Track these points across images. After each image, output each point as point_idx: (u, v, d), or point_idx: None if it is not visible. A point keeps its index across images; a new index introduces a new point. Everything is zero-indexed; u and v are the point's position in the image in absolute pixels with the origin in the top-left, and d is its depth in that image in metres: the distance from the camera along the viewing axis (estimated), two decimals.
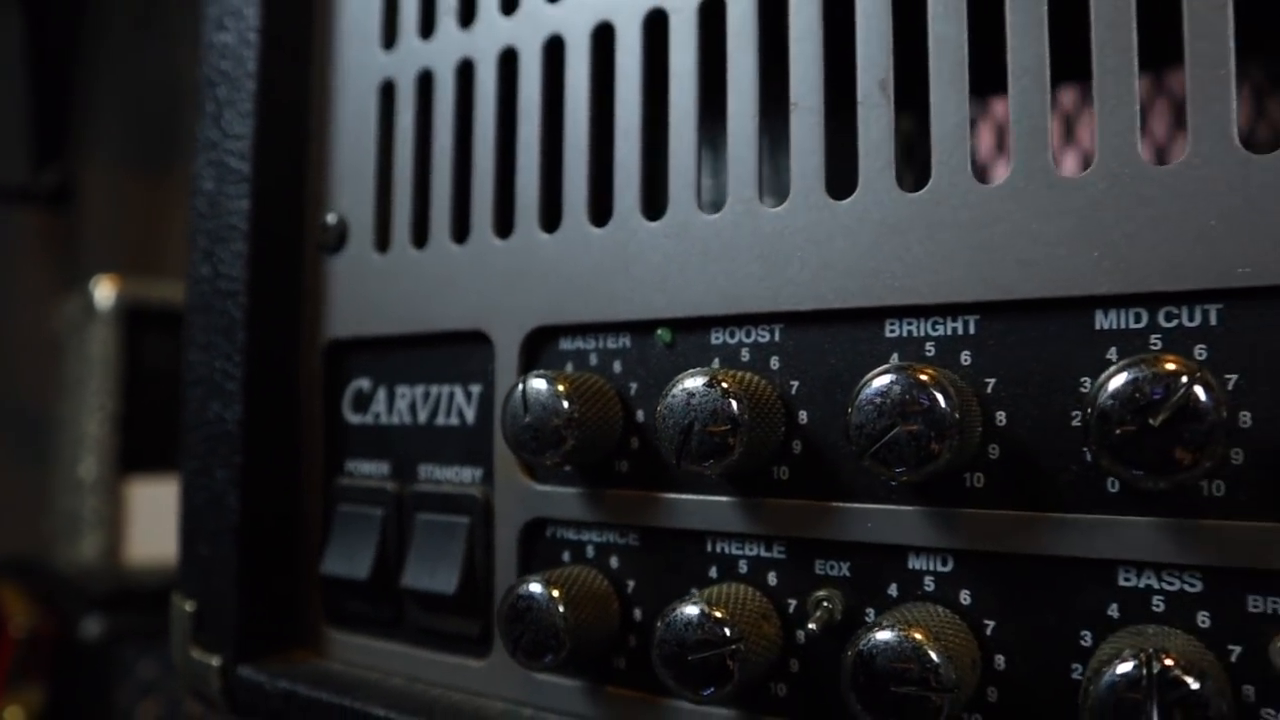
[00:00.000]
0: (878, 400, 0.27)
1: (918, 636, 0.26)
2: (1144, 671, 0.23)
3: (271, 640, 0.45)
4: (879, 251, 0.31)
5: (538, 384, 0.35)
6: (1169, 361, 0.24)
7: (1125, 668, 0.23)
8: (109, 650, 1.17)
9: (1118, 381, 0.24)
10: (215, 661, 0.45)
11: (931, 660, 0.26)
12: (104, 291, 1.20)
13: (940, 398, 0.26)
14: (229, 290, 0.45)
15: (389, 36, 0.44)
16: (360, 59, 0.45)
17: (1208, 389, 0.23)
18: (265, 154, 0.45)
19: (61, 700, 1.24)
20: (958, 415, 0.26)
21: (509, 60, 0.40)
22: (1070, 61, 0.30)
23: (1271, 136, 0.55)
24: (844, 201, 0.32)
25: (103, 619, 1.17)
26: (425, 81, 0.43)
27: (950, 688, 0.25)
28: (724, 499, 0.33)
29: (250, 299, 0.45)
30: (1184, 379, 0.23)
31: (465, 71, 0.42)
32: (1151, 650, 0.23)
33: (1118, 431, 0.24)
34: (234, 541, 0.44)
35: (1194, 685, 0.23)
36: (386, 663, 0.43)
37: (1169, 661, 0.23)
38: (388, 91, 0.44)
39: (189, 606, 0.46)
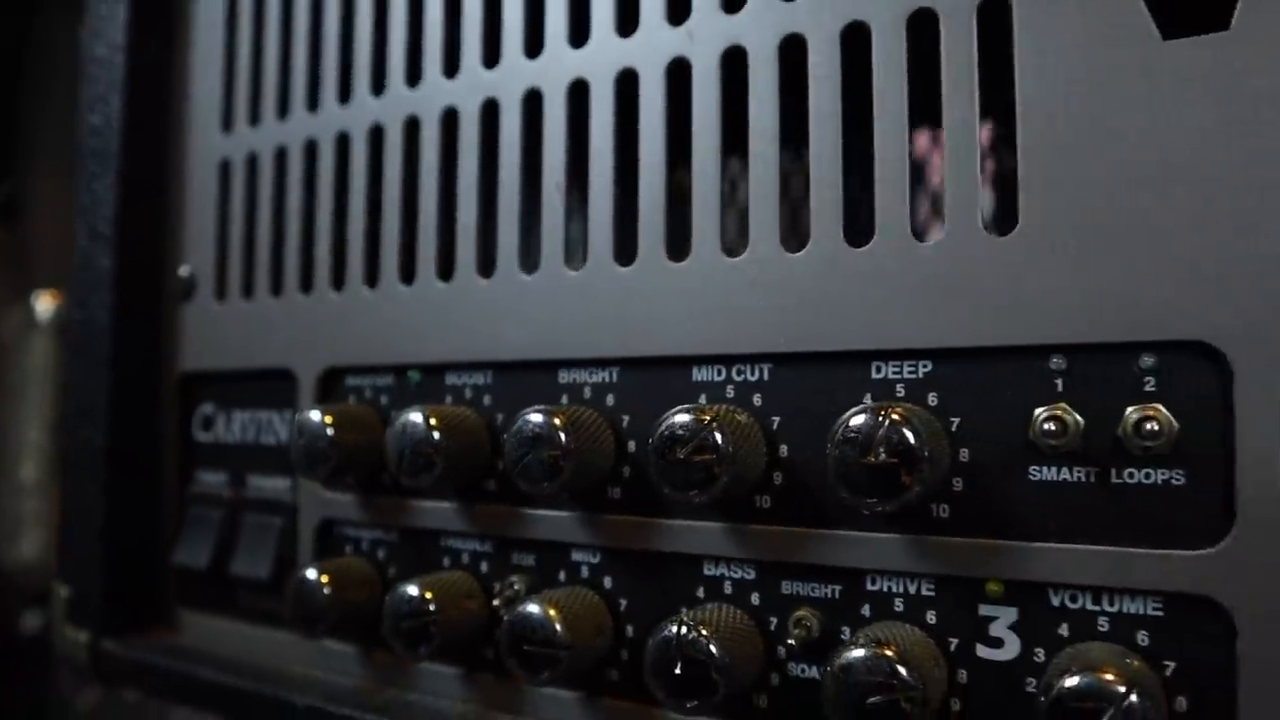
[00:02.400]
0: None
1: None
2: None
3: (133, 619, 0.55)
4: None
5: (310, 415, 0.45)
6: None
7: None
8: (48, 642, 1.25)
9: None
10: (84, 637, 0.54)
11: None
12: (44, 305, 1.28)
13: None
14: (98, 333, 0.55)
15: (226, 123, 0.54)
16: (204, 142, 0.55)
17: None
18: (127, 219, 0.55)
19: (5, 688, 1.32)
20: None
21: (311, 149, 0.50)
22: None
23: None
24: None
25: (42, 613, 1.26)
26: (252, 162, 0.53)
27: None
28: (462, 505, 0.44)
29: (115, 340, 0.54)
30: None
31: (280, 156, 0.52)
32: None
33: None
34: (100, 539, 0.54)
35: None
36: (225, 637, 0.53)
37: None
38: (225, 169, 0.54)
39: (64, 592, 0.56)
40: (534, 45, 0.43)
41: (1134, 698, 0.27)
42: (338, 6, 0.49)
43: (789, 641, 0.35)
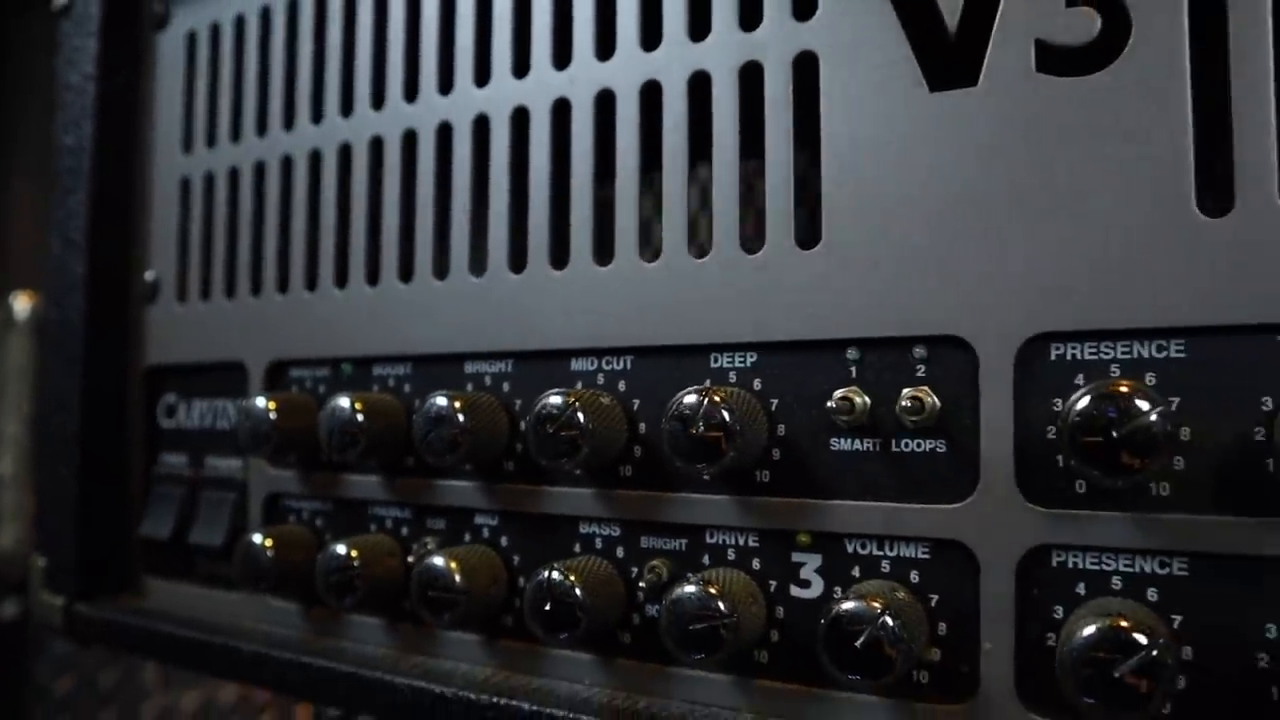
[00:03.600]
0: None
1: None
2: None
3: (103, 585, 0.62)
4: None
5: (255, 401, 0.51)
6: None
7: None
8: (26, 629, 1.31)
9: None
10: (59, 602, 0.61)
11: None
12: (21, 305, 1.35)
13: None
14: (71, 331, 0.61)
15: (186, 145, 0.61)
16: (167, 161, 0.62)
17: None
18: (97, 230, 0.61)
19: None
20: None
21: (260, 169, 0.57)
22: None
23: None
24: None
25: (20, 601, 1.32)
26: (209, 180, 0.60)
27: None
28: (398, 479, 0.51)
29: (87, 337, 0.61)
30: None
31: (233, 175, 0.58)
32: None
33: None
34: (73, 515, 0.61)
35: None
36: (185, 599, 0.59)
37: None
38: (185, 185, 0.61)
39: (41, 563, 0.62)
40: (445, 81, 0.50)
41: (888, 619, 0.34)
42: (282, 46, 0.56)
43: (641, 585, 0.42)
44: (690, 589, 0.37)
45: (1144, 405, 0.31)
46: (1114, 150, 0.34)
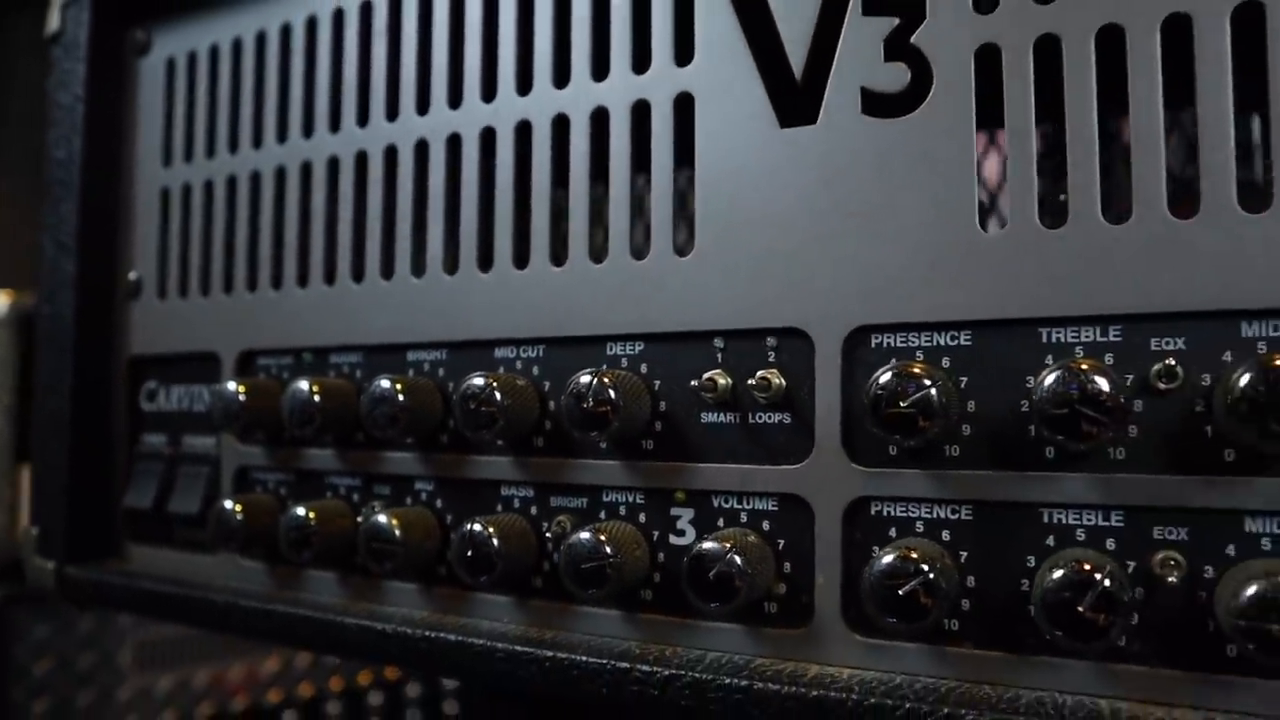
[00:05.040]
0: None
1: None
2: None
3: (90, 551, 0.69)
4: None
5: (226, 386, 0.59)
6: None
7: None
8: (6, 614, 1.37)
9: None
10: (50, 566, 0.69)
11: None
12: (1, 301, 1.41)
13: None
14: (63, 325, 0.69)
15: (166, 160, 0.69)
16: (148, 173, 0.69)
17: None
18: (86, 234, 0.69)
19: None
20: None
21: (231, 182, 0.65)
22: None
23: None
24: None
25: (4, 587, 1.39)
26: (186, 190, 0.67)
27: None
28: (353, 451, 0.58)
29: (77, 330, 0.69)
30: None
31: (208, 186, 0.66)
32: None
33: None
34: (64, 489, 0.68)
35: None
36: (164, 562, 0.67)
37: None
38: (165, 195, 0.69)
39: (35, 531, 0.70)
40: (392, 107, 0.58)
41: (735, 557, 0.42)
42: (252, 73, 0.64)
43: (548, 536, 0.50)
44: (584, 536, 0.46)
45: (927, 381, 0.39)
46: (918, 178, 0.42)
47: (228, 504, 0.59)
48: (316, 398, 0.55)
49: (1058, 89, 0.40)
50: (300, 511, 0.55)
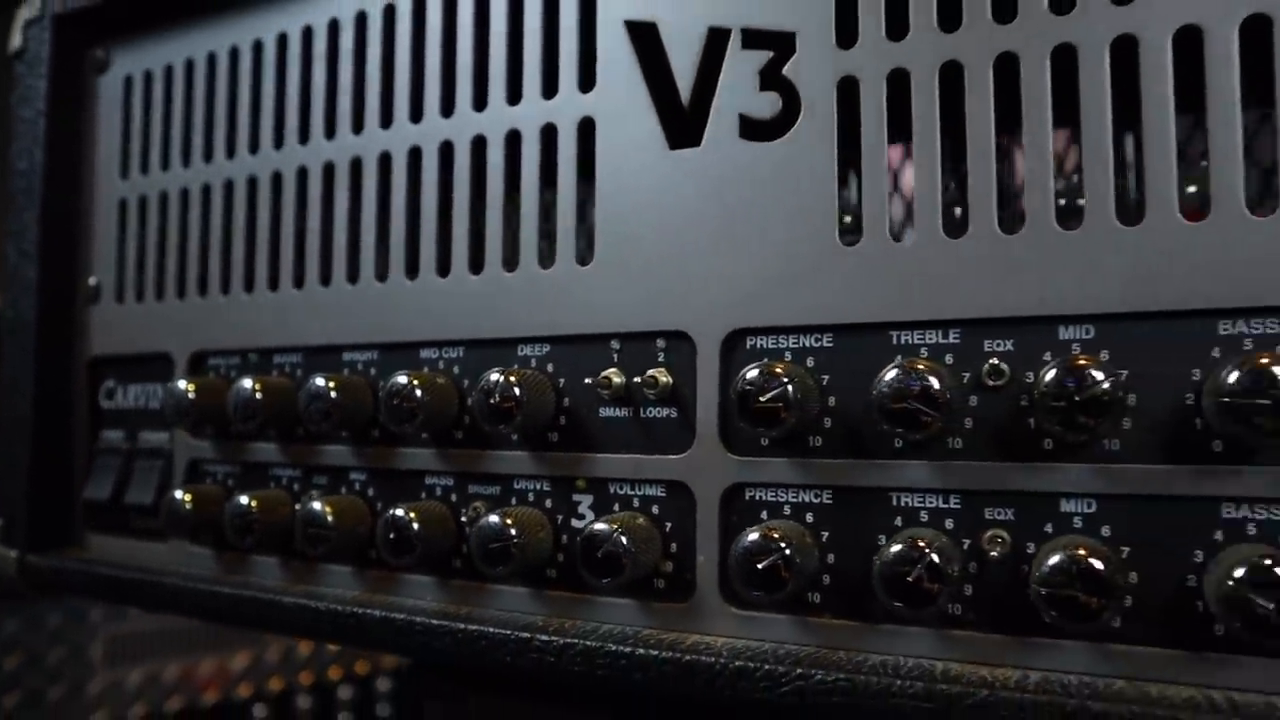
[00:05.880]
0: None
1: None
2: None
3: (51, 541, 0.74)
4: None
5: (177, 384, 0.64)
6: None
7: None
8: None
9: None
10: (14, 554, 0.73)
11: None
12: None
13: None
14: (26, 327, 0.73)
15: (124, 172, 0.73)
16: (107, 185, 0.74)
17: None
18: (47, 242, 0.73)
19: None
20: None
21: (184, 194, 0.69)
22: None
23: None
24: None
25: None
26: (143, 201, 0.72)
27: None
28: (323, 446, 0.63)
29: (39, 332, 0.73)
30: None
31: (163, 198, 0.71)
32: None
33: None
34: (28, 482, 0.73)
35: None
36: (121, 550, 0.71)
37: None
38: (123, 205, 0.73)
39: (0, 522, 0.74)
40: (330, 126, 0.62)
41: (621, 537, 0.47)
42: (203, 92, 0.68)
43: (463, 520, 0.55)
44: (492, 519, 0.50)
45: (785, 379, 0.44)
46: (788, 196, 0.47)
47: (177, 494, 0.63)
48: (258, 395, 0.60)
49: (907, 117, 0.45)
50: (243, 500, 0.60)
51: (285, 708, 1.83)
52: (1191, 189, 0.45)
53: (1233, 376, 0.37)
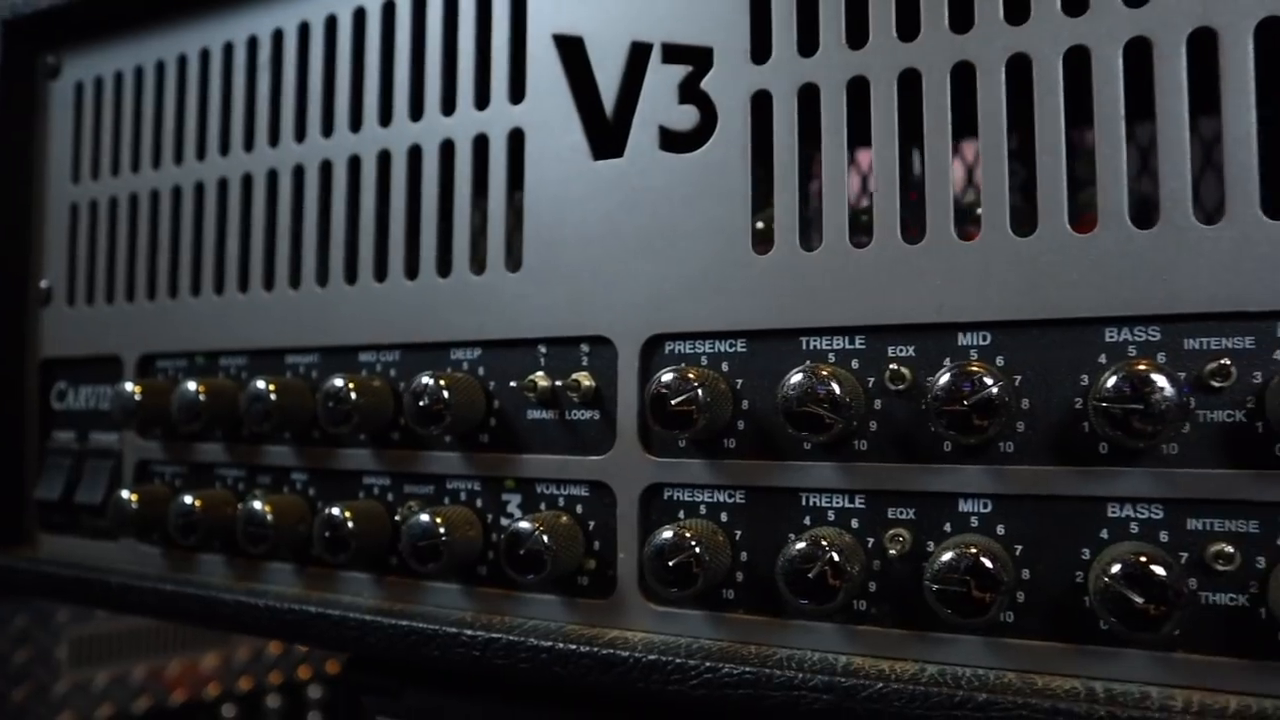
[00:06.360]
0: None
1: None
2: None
3: (3, 540, 0.75)
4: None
5: (124, 386, 0.65)
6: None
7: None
8: None
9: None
10: None
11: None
12: None
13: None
14: None
15: (75, 178, 0.74)
16: (58, 190, 0.75)
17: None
18: (0, 245, 0.74)
19: None
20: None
21: (134, 200, 0.71)
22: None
23: None
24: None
25: None
26: (93, 206, 0.73)
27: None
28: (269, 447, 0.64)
29: None
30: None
31: (113, 203, 0.72)
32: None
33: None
34: None
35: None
36: (71, 549, 0.73)
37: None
38: (74, 210, 0.74)
39: None
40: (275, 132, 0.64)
41: (543, 536, 0.49)
42: (152, 99, 0.70)
43: (397, 519, 0.56)
44: (422, 517, 0.52)
45: (696, 382, 0.46)
46: (704, 207, 0.49)
47: (124, 494, 0.65)
48: (201, 397, 0.61)
49: (817, 130, 0.47)
50: (187, 500, 0.61)
51: (254, 708, 1.83)
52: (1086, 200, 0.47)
53: (1110, 381, 0.39)
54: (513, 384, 0.53)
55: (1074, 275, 0.42)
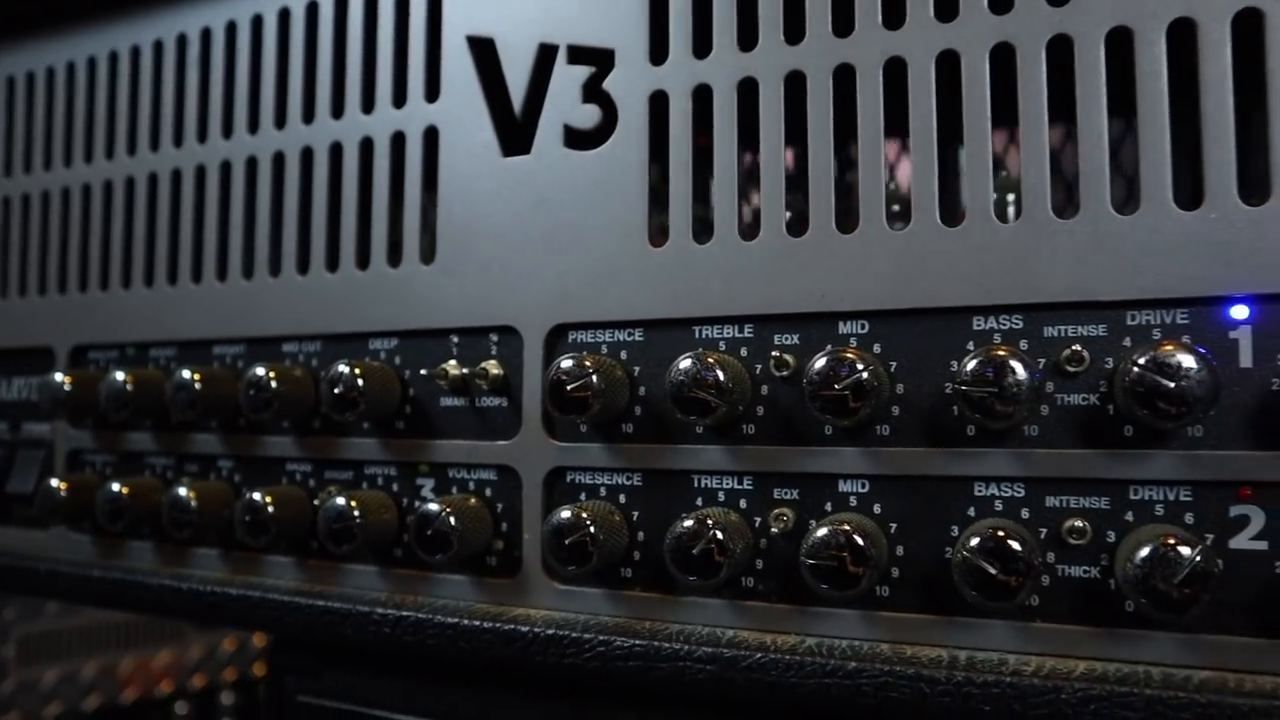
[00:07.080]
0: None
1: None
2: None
3: None
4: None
5: (54, 377, 0.66)
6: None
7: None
8: None
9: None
10: None
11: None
12: None
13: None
14: None
15: (6, 171, 0.75)
16: None
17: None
18: None
19: None
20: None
21: (66, 194, 0.72)
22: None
23: None
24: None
25: None
26: (25, 199, 0.74)
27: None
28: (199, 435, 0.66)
29: None
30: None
31: (45, 197, 0.73)
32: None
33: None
34: None
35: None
36: (6, 539, 0.74)
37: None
38: (5, 203, 0.75)
39: None
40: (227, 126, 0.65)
41: (449, 518, 0.51)
42: (84, 93, 0.71)
43: (316, 503, 0.58)
44: (337, 501, 0.54)
45: (591, 369, 0.48)
46: (604, 202, 0.51)
47: (53, 482, 0.66)
48: (128, 386, 0.63)
49: (709, 129, 0.49)
50: (113, 487, 0.63)
51: (208, 705, 1.83)
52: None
53: (970, 366, 0.41)
54: (424, 372, 0.55)
55: (943, 266, 0.45)
